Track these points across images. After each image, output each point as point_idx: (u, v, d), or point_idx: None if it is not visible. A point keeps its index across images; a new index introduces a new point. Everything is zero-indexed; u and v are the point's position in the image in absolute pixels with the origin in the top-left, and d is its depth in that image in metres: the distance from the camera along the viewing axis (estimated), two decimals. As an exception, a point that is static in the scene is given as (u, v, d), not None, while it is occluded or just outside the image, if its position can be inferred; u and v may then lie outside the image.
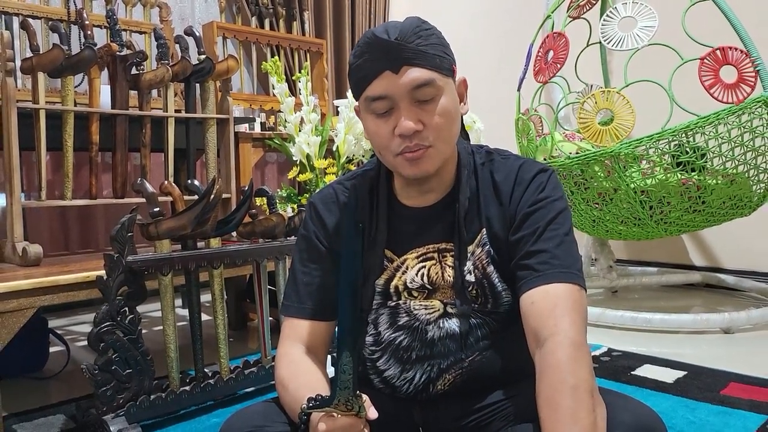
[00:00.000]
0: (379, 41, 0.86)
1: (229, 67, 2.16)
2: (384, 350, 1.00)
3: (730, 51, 2.11)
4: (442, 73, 0.89)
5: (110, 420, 1.42)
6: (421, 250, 0.98)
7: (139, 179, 1.58)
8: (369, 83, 0.88)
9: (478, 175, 0.99)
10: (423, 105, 0.88)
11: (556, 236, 0.91)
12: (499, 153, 1.02)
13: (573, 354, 0.81)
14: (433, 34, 0.89)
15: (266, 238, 1.79)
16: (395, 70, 0.86)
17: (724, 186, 2.25)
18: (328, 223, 1.03)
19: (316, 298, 1.01)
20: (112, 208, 2.99)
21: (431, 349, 0.97)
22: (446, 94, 0.89)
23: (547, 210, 0.93)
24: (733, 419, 1.49)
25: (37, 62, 1.79)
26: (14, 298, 1.47)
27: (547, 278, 0.87)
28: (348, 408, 0.78)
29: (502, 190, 0.97)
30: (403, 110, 0.88)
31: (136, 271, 1.47)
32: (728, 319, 2.28)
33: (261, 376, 1.76)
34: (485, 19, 4.02)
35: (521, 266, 0.91)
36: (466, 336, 0.96)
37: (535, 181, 0.95)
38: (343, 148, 2.59)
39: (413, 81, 0.86)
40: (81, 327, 2.75)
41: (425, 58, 0.87)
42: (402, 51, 0.85)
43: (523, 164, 0.98)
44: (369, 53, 0.87)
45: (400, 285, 0.98)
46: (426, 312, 0.98)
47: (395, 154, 0.91)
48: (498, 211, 0.97)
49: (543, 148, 2.55)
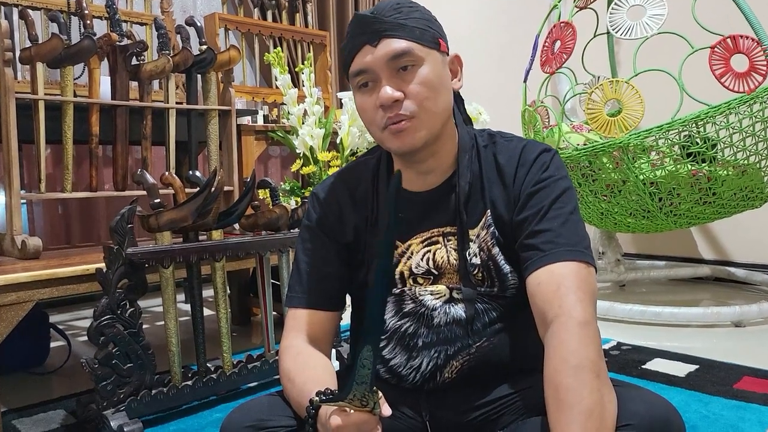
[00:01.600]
0: (358, 18, 0.90)
1: (230, 57, 2.12)
2: (390, 338, 0.98)
3: (741, 39, 2.07)
4: (423, 44, 0.89)
5: (111, 415, 1.40)
6: (426, 234, 0.97)
7: (140, 170, 1.56)
8: (352, 60, 0.91)
9: (481, 158, 0.98)
10: (403, 75, 0.89)
11: (560, 215, 0.89)
12: (501, 135, 1.01)
13: (577, 333, 0.79)
14: (416, 10, 0.90)
15: (269, 230, 1.76)
16: (373, 44, 0.88)
17: (735, 177, 2.21)
18: (331, 212, 1.02)
19: (320, 289, 1.00)
20: (113, 201, 2.97)
21: (438, 335, 0.95)
22: (428, 64, 0.89)
23: (551, 189, 0.92)
24: (749, 413, 1.46)
25: (36, 52, 1.76)
26: (13, 291, 1.44)
27: (553, 257, 0.86)
28: (363, 404, 0.75)
29: (506, 171, 0.96)
30: (384, 81, 0.89)
31: (136, 263, 1.44)
32: (739, 312, 2.25)
33: (264, 371, 1.73)
34: (491, 10, 3.98)
35: (526, 246, 0.89)
36: (472, 321, 0.94)
37: (539, 160, 0.94)
38: (346, 140, 2.56)
39: (390, 52, 0.88)
40: (82, 322, 2.73)
41: (403, 29, 0.88)
42: (379, 24, 0.88)
43: (526, 145, 0.97)
44: (352, 31, 0.91)
45: (406, 271, 0.97)
46: (432, 297, 0.96)
47: (381, 128, 0.91)
48: (502, 192, 0.96)
49: (550, 139, 2.51)
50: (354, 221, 1.01)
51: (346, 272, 1.02)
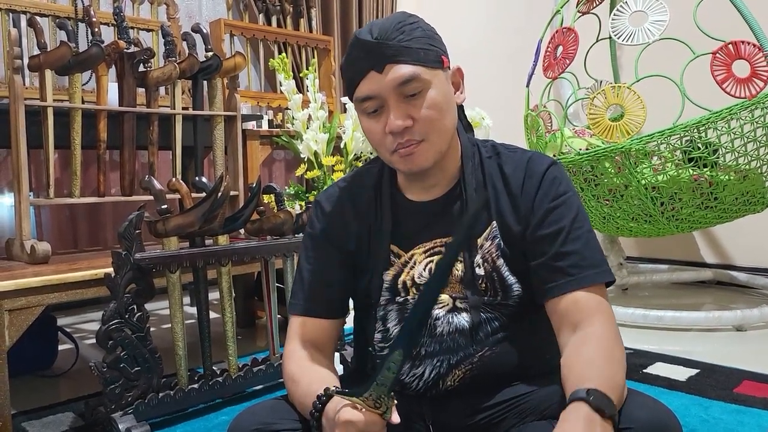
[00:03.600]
0: (361, 42, 0.88)
1: (236, 64, 2.15)
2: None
3: (742, 45, 2.08)
4: (429, 66, 0.89)
5: (119, 418, 1.42)
6: (429, 245, 0.98)
7: (147, 176, 1.58)
8: (357, 85, 0.90)
9: (485, 168, 0.99)
10: (411, 100, 0.88)
11: (581, 235, 0.92)
12: (505, 146, 1.03)
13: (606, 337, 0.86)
14: (417, 28, 0.89)
15: (274, 235, 1.78)
16: (379, 69, 0.87)
17: (737, 182, 2.22)
18: (334, 221, 1.02)
19: (322, 297, 1.01)
20: (120, 206, 2.99)
21: (440, 345, 0.96)
22: (434, 87, 0.89)
23: (568, 207, 0.93)
24: (748, 417, 1.47)
25: (45, 60, 1.79)
26: (23, 296, 1.47)
27: (579, 282, 0.89)
28: (376, 405, 0.77)
29: (513, 182, 0.97)
30: (392, 108, 0.88)
31: (143, 268, 1.46)
32: (741, 317, 2.26)
33: (269, 374, 1.75)
34: (493, 15, 3.99)
35: (551, 268, 0.91)
36: (476, 330, 0.95)
37: (549, 174, 0.95)
38: (350, 145, 2.58)
39: (397, 78, 0.87)
40: (90, 325, 2.76)
41: (408, 53, 0.87)
42: (384, 49, 0.87)
43: (531, 156, 0.99)
44: (354, 55, 0.90)
45: (408, 281, 0.98)
46: (435, 307, 0.96)
47: (390, 152, 0.92)
48: (509, 203, 0.97)
49: (552, 144, 2.53)
50: (356, 230, 1.01)
51: (349, 280, 1.03)
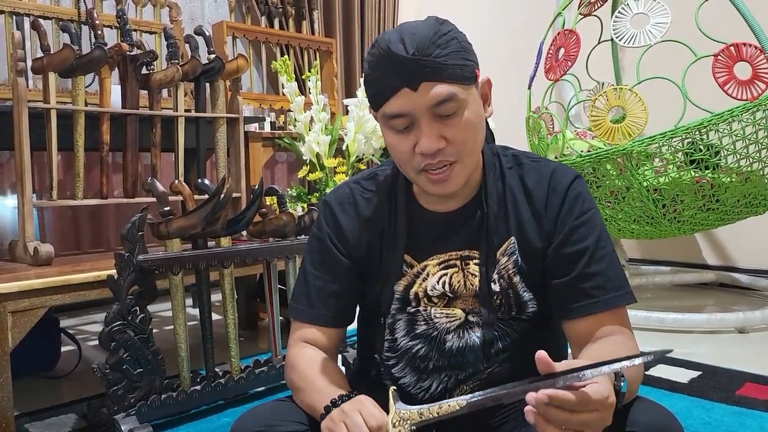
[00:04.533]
0: (393, 56, 0.80)
1: (238, 66, 2.15)
2: (400, 358, 0.97)
3: (744, 47, 2.08)
4: (465, 84, 0.83)
5: (121, 419, 1.42)
6: (443, 256, 0.94)
7: (150, 178, 1.58)
8: (386, 99, 0.83)
9: (506, 180, 0.95)
10: (445, 120, 0.83)
11: (605, 255, 0.90)
12: (527, 155, 0.98)
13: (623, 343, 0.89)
14: (452, 39, 0.82)
15: (276, 237, 1.78)
16: (413, 87, 0.81)
17: (739, 184, 2.22)
18: (343, 225, 0.98)
19: (330, 305, 0.97)
20: (123, 208, 3.00)
21: (449, 360, 0.94)
22: (470, 106, 0.84)
23: (592, 225, 0.91)
24: (749, 419, 1.47)
25: (48, 62, 1.79)
26: (26, 298, 1.47)
27: (604, 305, 0.89)
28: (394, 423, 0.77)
29: (536, 196, 0.93)
30: (424, 127, 0.83)
31: (146, 270, 1.46)
32: (743, 319, 2.26)
33: (272, 376, 1.75)
34: (495, 17, 4.00)
35: (574, 288, 0.90)
36: (488, 347, 0.93)
37: (572, 190, 0.93)
38: (353, 147, 2.58)
39: (433, 98, 0.81)
40: (92, 326, 2.76)
41: (445, 71, 0.81)
42: (420, 66, 0.80)
43: (556, 168, 0.95)
44: (384, 67, 0.82)
45: (420, 292, 0.95)
46: (447, 320, 0.94)
47: (417, 171, 0.87)
48: (532, 217, 0.93)
49: (554, 146, 2.53)
50: (367, 236, 0.97)
51: (356, 288, 0.99)
